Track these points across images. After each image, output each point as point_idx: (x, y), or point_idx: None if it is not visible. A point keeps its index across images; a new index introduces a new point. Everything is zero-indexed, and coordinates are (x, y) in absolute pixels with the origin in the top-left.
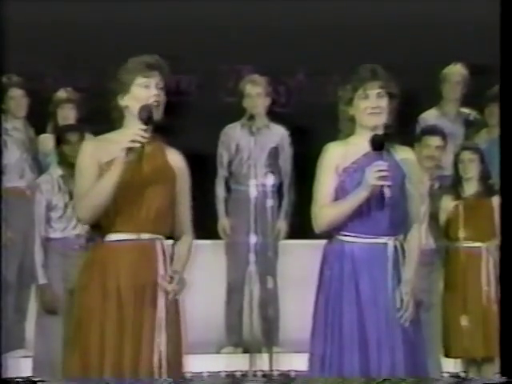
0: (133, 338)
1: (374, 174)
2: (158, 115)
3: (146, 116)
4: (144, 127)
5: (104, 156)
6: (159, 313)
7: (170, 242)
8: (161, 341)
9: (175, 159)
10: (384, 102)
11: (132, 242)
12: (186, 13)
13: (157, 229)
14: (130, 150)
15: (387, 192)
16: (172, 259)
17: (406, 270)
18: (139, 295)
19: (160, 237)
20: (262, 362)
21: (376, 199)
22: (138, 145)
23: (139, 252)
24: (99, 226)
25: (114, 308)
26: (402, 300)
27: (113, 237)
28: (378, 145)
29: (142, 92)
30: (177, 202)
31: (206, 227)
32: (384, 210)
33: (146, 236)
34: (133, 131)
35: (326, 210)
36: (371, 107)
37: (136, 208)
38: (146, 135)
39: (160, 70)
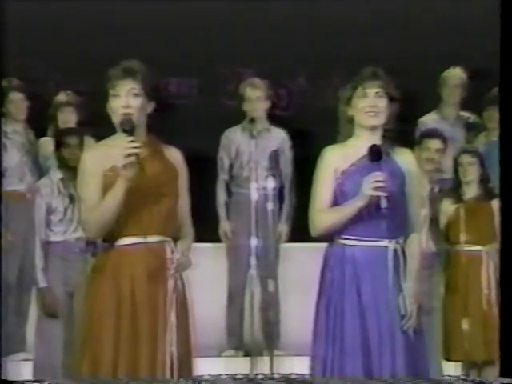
0: (146, 340)
1: (371, 185)
2: (141, 120)
3: (128, 128)
4: (131, 138)
5: (106, 163)
6: (170, 315)
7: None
8: (172, 342)
9: (174, 156)
10: (383, 103)
11: (143, 245)
12: (187, 16)
13: (166, 231)
14: (127, 165)
15: (384, 203)
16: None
17: (408, 277)
18: (152, 297)
19: (168, 239)
20: (263, 366)
21: (374, 208)
22: (133, 158)
23: (150, 255)
24: (109, 232)
25: (128, 310)
26: (406, 308)
27: (124, 241)
28: (376, 155)
29: (113, 102)
30: (179, 200)
31: (207, 230)
32: (382, 215)
33: (155, 238)
34: (123, 146)
35: (322, 214)
36: (369, 106)
37: (145, 211)
38: (137, 145)
39: (133, 76)
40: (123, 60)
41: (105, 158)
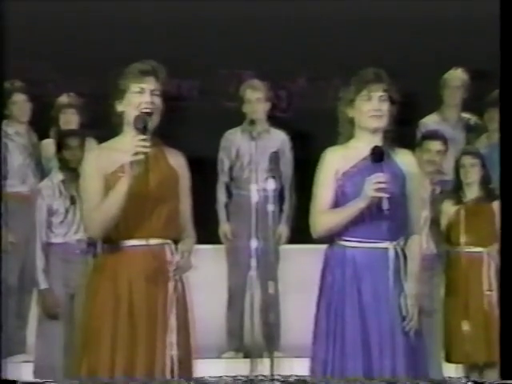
0: (145, 341)
1: (373, 186)
2: (154, 121)
3: (141, 125)
4: (143, 137)
5: (108, 166)
6: (170, 318)
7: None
8: (172, 344)
9: (176, 160)
10: (386, 106)
11: (143, 247)
12: (187, 17)
13: (166, 233)
14: (134, 163)
15: (385, 204)
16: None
17: (409, 279)
18: (151, 300)
19: (169, 241)
20: (263, 367)
21: (374, 210)
22: (141, 156)
23: (150, 257)
24: (110, 234)
25: (126, 312)
26: (407, 310)
27: (124, 243)
28: (379, 156)
29: (135, 98)
30: (180, 203)
31: (207, 232)
32: (383, 217)
33: (156, 241)
34: (133, 143)
35: (324, 216)
36: (373, 109)
37: (146, 214)
38: (147, 144)
39: (156, 76)
40: (123, 63)
41: (107, 161)
